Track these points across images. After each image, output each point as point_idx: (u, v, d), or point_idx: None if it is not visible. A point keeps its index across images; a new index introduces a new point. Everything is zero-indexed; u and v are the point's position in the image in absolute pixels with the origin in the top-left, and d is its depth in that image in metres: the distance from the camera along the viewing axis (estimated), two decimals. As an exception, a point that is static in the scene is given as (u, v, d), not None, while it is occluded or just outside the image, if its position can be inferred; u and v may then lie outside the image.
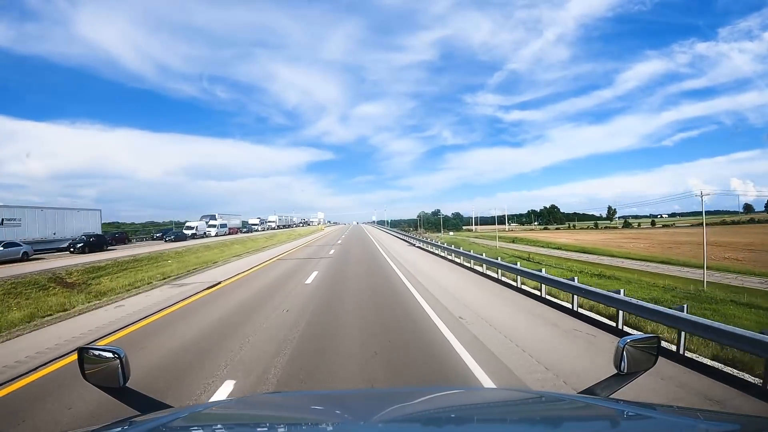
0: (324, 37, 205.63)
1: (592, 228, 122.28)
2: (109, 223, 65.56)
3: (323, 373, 4.92)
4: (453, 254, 19.12)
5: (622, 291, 6.72)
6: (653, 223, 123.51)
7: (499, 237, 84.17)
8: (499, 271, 12.45)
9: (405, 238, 41.05)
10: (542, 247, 61.07)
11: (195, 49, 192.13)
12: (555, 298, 9.29)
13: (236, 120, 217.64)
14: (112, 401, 1.52)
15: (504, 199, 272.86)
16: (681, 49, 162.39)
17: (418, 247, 28.09)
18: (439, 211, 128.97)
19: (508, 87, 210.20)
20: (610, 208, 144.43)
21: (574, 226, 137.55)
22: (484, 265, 14.09)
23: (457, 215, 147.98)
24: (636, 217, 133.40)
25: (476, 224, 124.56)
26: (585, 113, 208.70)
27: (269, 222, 75.96)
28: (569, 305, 8.21)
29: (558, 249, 57.65)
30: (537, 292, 9.75)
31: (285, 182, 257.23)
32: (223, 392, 4.43)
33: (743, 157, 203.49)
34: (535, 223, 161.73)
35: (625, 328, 6.62)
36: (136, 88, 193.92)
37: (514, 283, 11.23)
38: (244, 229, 60.01)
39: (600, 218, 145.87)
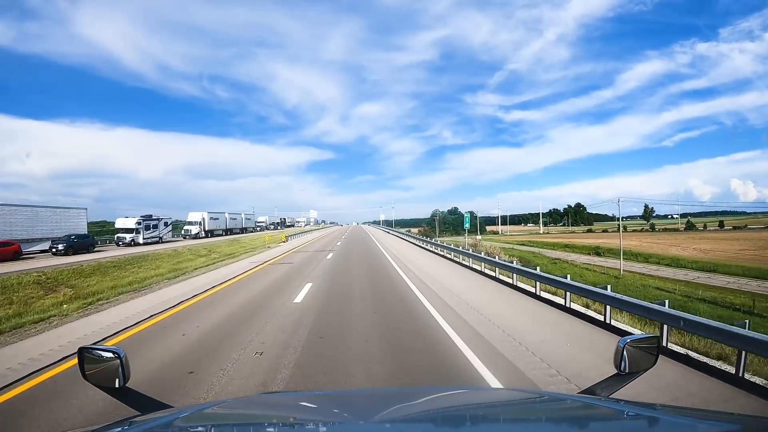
0: (324, 37, 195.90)
1: (647, 231, 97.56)
2: (94, 223, 44.53)
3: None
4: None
5: None
6: (721, 224, 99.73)
7: (554, 244, 59.09)
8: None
9: (446, 253, 19.49)
10: (669, 266, 35.80)
11: (195, 48, 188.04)
12: None
13: (236, 119, 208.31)
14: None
15: (504, 198, 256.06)
16: (681, 50, 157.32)
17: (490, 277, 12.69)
18: (456, 209, 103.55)
19: (508, 87, 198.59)
20: (646, 207, 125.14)
21: (625, 227, 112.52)
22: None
23: (472, 215, 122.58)
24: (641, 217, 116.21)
25: (503, 224, 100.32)
26: (585, 113, 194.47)
27: (189, 224, 40.61)
28: None
29: (705, 271, 32.49)
30: None
31: (285, 182, 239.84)
32: None
33: (743, 157, 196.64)
34: (560, 224, 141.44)
35: None
36: (137, 87, 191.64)
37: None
38: (65, 244, 24.82)
39: (612, 218, 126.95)
